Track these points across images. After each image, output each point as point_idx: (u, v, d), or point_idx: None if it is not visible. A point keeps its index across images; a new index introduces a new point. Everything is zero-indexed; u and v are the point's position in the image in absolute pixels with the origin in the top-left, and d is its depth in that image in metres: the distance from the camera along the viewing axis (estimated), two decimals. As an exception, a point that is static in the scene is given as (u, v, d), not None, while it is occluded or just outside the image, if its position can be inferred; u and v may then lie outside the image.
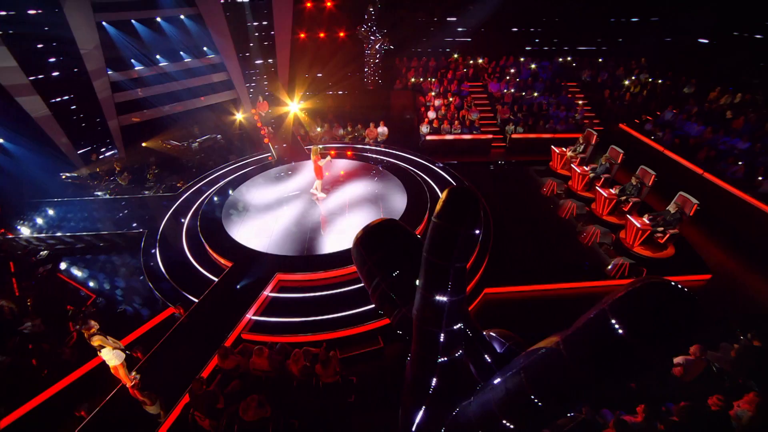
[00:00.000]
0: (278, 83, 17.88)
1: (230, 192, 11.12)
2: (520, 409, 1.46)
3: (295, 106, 14.63)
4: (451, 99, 16.19)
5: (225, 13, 15.17)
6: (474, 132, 14.90)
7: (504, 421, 1.50)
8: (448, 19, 17.91)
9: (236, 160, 13.69)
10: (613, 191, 10.38)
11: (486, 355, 2.26)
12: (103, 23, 13.20)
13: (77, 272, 9.78)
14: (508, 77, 17.14)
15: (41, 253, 10.11)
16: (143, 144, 14.83)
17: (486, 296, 8.50)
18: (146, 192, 12.43)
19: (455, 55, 18.31)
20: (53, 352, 7.04)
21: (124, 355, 5.96)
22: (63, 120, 12.96)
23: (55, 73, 12.72)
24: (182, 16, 14.82)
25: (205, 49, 16.00)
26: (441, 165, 12.88)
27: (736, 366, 6.06)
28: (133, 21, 13.95)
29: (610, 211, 10.42)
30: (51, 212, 11.49)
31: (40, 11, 11.78)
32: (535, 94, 16.35)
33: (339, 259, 8.39)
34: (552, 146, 13.01)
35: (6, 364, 6.82)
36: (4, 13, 11.22)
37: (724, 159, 11.23)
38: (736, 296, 8.41)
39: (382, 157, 13.36)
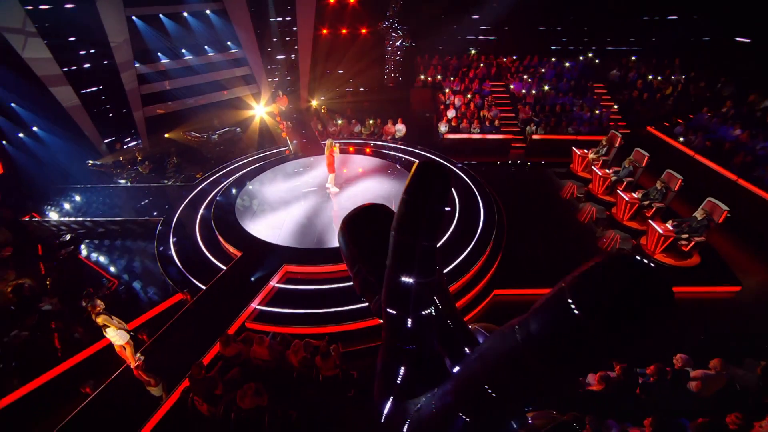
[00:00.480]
0: (299, 78, 18.03)
1: (246, 184, 11.26)
2: (474, 401, 1.33)
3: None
4: (470, 97, 15.91)
5: (249, 8, 15.41)
6: (493, 132, 14.59)
7: (461, 414, 1.37)
8: (472, 16, 17.59)
9: (254, 152, 13.87)
10: (635, 195, 9.92)
11: (466, 348, 2.13)
12: (133, 17, 13.63)
13: (96, 256, 10.12)
14: (529, 77, 16.69)
15: (64, 236, 10.51)
16: (165, 135, 15.24)
17: (495, 298, 8.27)
18: (165, 181, 12.75)
19: (472, 51, 17.97)
20: (66, 330, 7.28)
21: (128, 336, 6.08)
22: (91, 110, 13.46)
23: (86, 65, 13.22)
24: (208, 11, 15.15)
25: (228, 43, 16.29)
26: (460, 165, 12.56)
27: (762, 384, 5.64)
28: (161, 15, 14.35)
29: (632, 216, 9.97)
30: (77, 198, 11.95)
31: (74, 5, 12.28)
32: (556, 93, 15.85)
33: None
34: (573, 148, 12.57)
35: (24, 339, 7.10)
36: (43, 7, 11.75)
37: (762, 165, 10.54)
38: (767, 310, 7.87)
39: (399, 155, 13.24)
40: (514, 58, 17.66)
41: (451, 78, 16.90)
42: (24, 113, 12.52)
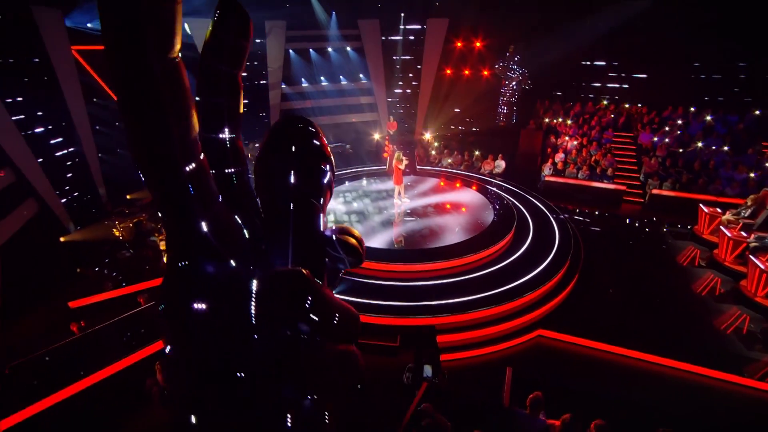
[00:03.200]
0: (416, 112, 19.29)
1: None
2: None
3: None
4: (586, 144, 14.56)
5: (383, 48, 17.56)
6: (604, 180, 12.95)
7: None
8: (596, 63, 16.43)
9: (358, 166, 15.28)
10: (777, 267, 7.49)
11: (257, 220, 2.17)
12: (289, 50, 16.93)
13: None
14: (667, 128, 14.46)
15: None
16: (292, 145, 17.93)
17: (539, 338, 7.12)
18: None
19: (604, 102, 16.51)
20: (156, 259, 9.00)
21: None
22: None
23: (245, 83, 16.80)
24: (348, 48, 17.78)
25: (360, 75, 18.63)
26: (562, 217, 10.96)
27: None
28: (310, 49, 17.46)
29: (770, 292, 7.51)
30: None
31: (255, 40, 15.99)
32: (699, 144, 13.28)
33: (387, 254, 8.41)
34: (701, 205, 10.25)
35: (127, 257, 9.06)
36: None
37: None
38: None
39: (490, 188, 12.65)
40: (649, 110, 15.59)
41: (568, 123, 15.82)
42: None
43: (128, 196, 11.96)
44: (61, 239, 9.90)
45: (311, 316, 1.59)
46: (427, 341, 5.92)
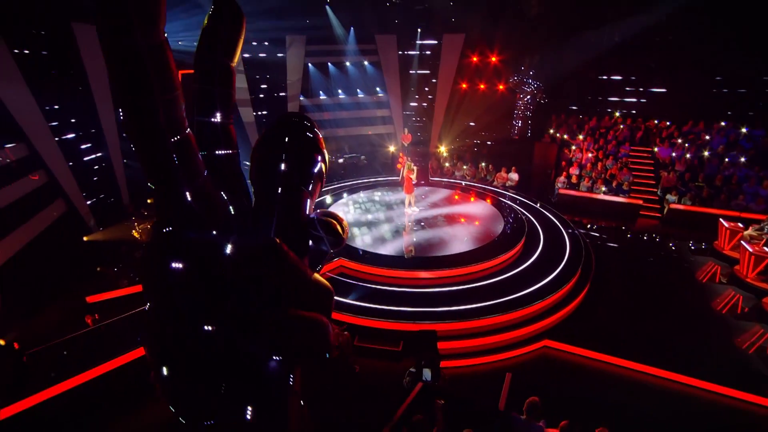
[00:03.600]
0: (431, 125, 19.49)
1: (344, 195, 12.65)
2: None
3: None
4: (602, 158, 14.37)
5: (399, 63, 17.96)
6: (620, 194, 12.72)
7: None
8: (612, 77, 16.29)
9: (372, 176, 15.49)
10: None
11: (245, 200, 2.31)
12: (308, 64, 17.52)
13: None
14: (685, 143, 14.14)
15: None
16: (306, 155, 18.33)
17: (545, 349, 6.98)
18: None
19: (616, 114, 16.30)
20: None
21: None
22: (258, 127, 17.40)
23: (261, 95, 17.39)
24: (366, 62, 18.25)
25: (377, 89, 19.03)
26: (575, 231, 10.74)
27: None
28: (329, 63, 18.01)
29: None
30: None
31: (266, 54, 16.64)
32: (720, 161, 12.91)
33: (394, 261, 8.47)
34: (721, 220, 9.92)
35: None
36: (246, 55, 16.28)
37: None
38: None
39: (504, 200, 12.61)
40: (668, 123, 15.29)
41: (583, 137, 15.67)
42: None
43: (149, 200, 12.47)
44: (84, 238, 10.38)
45: (279, 278, 1.70)
46: (427, 345, 5.91)
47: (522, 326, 7.12)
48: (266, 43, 16.31)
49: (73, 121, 11.27)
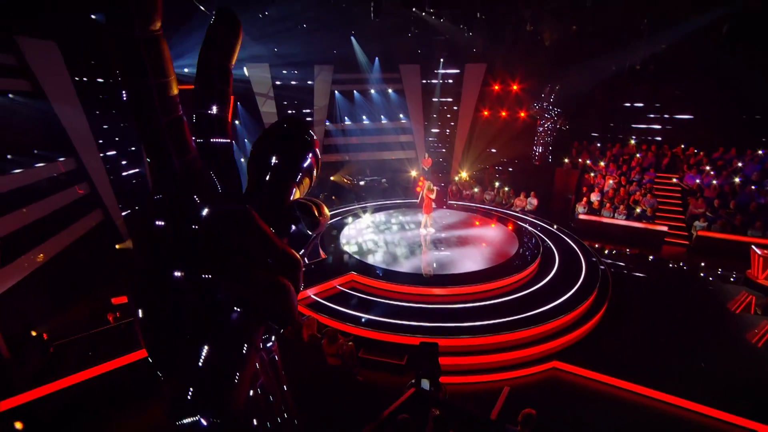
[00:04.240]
0: (453, 151, 19.77)
1: (362, 214, 12.98)
2: None
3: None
4: (624, 184, 14.08)
5: (422, 91, 18.60)
6: (643, 221, 12.35)
7: None
8: (635, 105, 16.12)
9: (391, 198, 15.85)
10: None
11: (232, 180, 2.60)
12: (335, 91, 18.45)
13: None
14: (713, 170, 13.64)
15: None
16: (331, 178, 18.93)
17: (554, 371, 6.76)
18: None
19: (631, 142, 16.01)
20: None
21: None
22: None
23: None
24: (390, 90, 19.00)
25: (400, 115, 19.65)
26: (596, 261, 10.32)
27: None
28: (354, 91, 18.88)
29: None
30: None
31: (296, 82, 17.71)
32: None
33: (407, 277, 8.58)
34: (753, 247, 9.43)
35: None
36: (278, 82, 17.40)
37: None
38: None
39: (526, 226, 12.51)
40: (696, 150, 14.85)
41: (601, 164, 15.44)
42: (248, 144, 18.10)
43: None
44: (117, 246, 11.13)
45: (246, 239, 1.94)
46: (428, 357, 5.89)
47: (530, 346, 6.96)
48: (295, 72, 17.38)
49: (117, 139, 12.35)
